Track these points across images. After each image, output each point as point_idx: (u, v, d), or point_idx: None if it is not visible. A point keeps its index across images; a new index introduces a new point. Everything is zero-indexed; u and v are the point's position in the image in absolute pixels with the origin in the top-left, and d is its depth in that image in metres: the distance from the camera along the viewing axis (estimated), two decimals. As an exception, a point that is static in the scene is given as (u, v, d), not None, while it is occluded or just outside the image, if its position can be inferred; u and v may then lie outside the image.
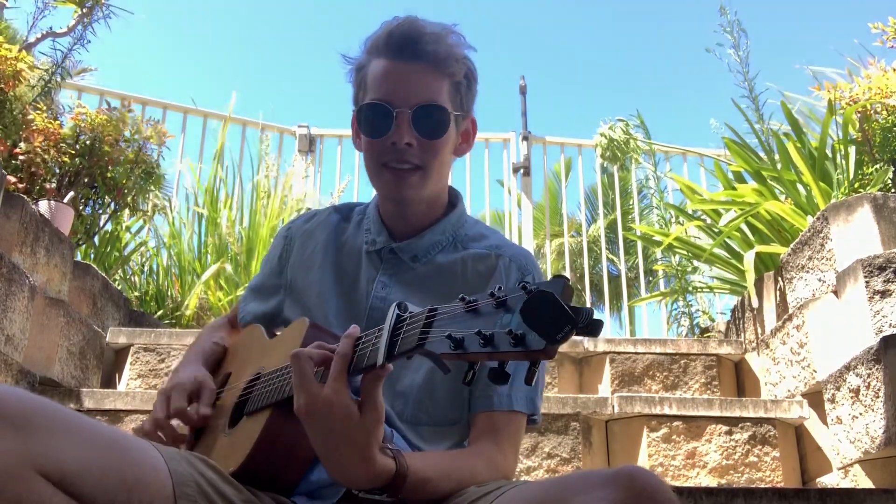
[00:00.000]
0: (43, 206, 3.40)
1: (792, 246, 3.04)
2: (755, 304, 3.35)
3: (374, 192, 1.43)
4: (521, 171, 5.53)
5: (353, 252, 1.37)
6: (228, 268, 4.19)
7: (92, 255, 4.06)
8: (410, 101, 1.26)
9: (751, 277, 3.27)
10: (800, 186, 3.41)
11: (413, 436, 1.22)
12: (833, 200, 2.95)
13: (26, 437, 0.84)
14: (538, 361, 0.77)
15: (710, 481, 2.73)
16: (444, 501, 1.06)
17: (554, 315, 0.74)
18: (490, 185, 5.60)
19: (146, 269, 4.47)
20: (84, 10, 4.25)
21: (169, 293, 4.25)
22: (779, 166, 3.53)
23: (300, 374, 0.97)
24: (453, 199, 1.40)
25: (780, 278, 3.18)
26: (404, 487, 1.00)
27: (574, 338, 3.62)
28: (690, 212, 4.29)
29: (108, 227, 4.08)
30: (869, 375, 2.32)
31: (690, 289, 4.41)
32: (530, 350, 0.75)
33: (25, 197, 3.06)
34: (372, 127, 1.28)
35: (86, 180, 3.76)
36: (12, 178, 3.40)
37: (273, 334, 1.35)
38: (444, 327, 0.82)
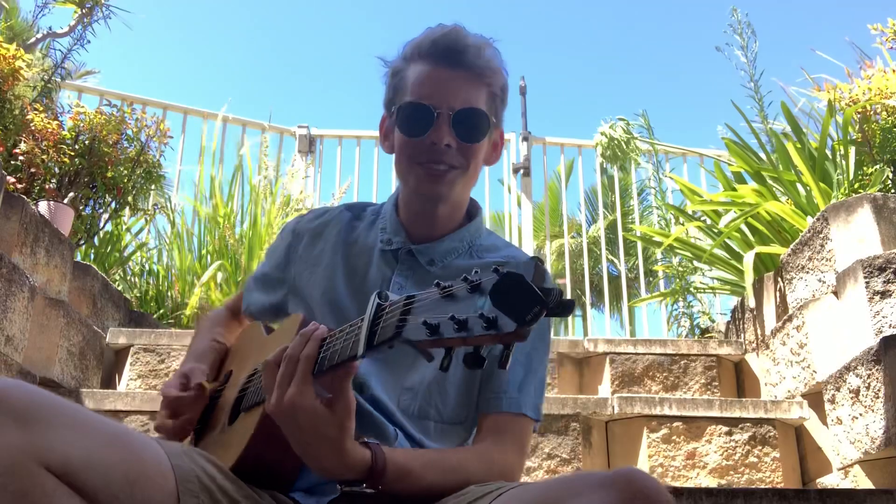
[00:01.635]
0: (43, 207, 3.40)
1: (792, 246, 3.04)
2: (753, 304, 3.36)
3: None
4: (521, 171, 5.53)
5: (365, 250, 1.38)
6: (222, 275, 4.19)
7: (92, 256, 4.06)
8: (452, 105, 1.28)
9: (749, 278, 3.27)
10: (800, 187, 3.41)
11: (418, 432, 1.22)
12: (833, 201, 2.95)
13: (31, 430, 0.84)
14: (511, 344, 0.78)
15: (710, 482, 2.73)
16: (442, 500, 1.07)
17: (522, 296, 0.74)
18: (490, 186, 5.60)
19: (146, 269, 4.47)
20: (84, 11, 4.26)
21: (169, 293, 4.25)
22: (780, 167, 3.53)
23: (266, 379, 1.01)
24: (473, 209, 1.42)
25: (779, 279, 3.18)
26: (385, 478, 1.02)
27: (574, 338, 3.63)
28: (690, 212, 4.29)
29: (108, 227, 4.08)
30: (869, 376, 2.32)
31: (691, 289, 4.41)
32: (502, 333, 0.75)
33: (25, 197, 3.06)
34: (411, 126, 1.29)
35: (86, 180, 3.76)
36: (12, 179, 3.40)
37: (271, 330, 1.36)
38: (421, 314, 0.82)
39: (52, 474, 0.84)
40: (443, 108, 1.27)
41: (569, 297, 5.42)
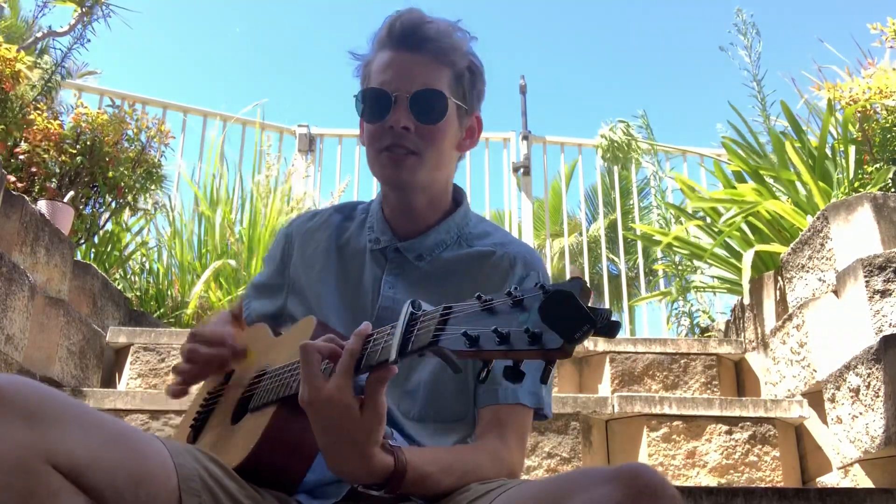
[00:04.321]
0: (43, 206, 3.39)
1: (792, 245, 3.04)
2: (748, 301, 3.35)
3: (377, 192, 1.43)
4: (521, 170, 5.53)
5: (357, 252, 1.37)
6: (233, 262, 4.18)
7: (92, 255, 4.06)
8: (409, 87, 1.27)
9: (746, 276, 3.26)
10: (799, 186, 3.41)
11: (417, 432, 1.22)
12: (833, 200, 2.95)
13: (38, 428, 0.84)
14: (553, 361, 0.77)
15: (710, 481, 2.73)
16: (447, 498, 1.06)
17: (572, 314, 0.74)
18: (490, 185, 5.60)
19: (146, 268, 4.47)
20: (84, 10, 4.26)
21: (169, 292, 4.25)
22: (779, 166, 3.53)
23: (307, 367, 0.98)
24: (458, 197, 1.41)
25: (780, 278, 3.18)
26: (404, 483, 1.00)
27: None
28: (690, 211, 4.29)
29: (109, 226, 4.08)
30: (869, 375, 2.32)
31: (691, 288, 4.40)
32: (547, 349, 0.75)
33: (25, 196, 3.06)
34: (371, 111, 1.30)
35: (86, 180, 3.76)
36: (12, 178, 3.40)
37: (278, 333, 1.35)
38: (460, 325, 0.82)
39: (58, 472, 0.84)
40: (400, 92, 1.27)
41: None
